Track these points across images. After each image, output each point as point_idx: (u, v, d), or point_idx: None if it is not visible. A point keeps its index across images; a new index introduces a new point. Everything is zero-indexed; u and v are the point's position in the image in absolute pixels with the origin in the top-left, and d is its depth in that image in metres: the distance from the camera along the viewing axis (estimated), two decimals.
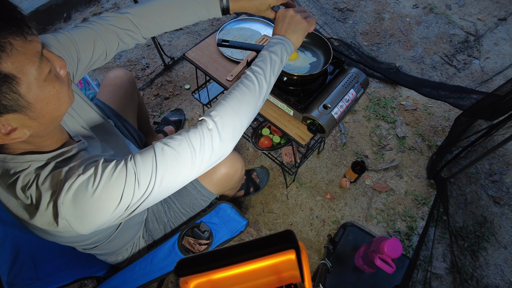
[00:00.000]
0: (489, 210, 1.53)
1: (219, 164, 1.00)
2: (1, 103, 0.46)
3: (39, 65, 0.49)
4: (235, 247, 0.31)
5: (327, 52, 1.08)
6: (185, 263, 0.30)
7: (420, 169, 1.66)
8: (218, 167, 1.01)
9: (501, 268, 1.39)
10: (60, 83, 0.54)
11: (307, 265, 0.31)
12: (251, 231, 1.51)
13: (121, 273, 0.93)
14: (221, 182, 1.02)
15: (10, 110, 0.48)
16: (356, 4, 2.37)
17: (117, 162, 0.57)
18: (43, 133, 0.57)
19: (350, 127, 1.80)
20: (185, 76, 2.02)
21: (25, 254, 0.79)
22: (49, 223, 0.56)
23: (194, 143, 0.61)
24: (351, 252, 1.35)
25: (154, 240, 1.01)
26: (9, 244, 0.76)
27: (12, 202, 0.58)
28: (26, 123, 0.51)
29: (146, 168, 0.58)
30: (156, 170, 0.58)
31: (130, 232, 0.91)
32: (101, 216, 0.57)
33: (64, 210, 0.54)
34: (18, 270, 0.75)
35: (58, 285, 0.85)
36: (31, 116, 0.51)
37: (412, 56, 2.08)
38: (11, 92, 0.46)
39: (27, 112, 0.50)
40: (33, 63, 0.48)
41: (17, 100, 0.48)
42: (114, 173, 0.56)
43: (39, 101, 0.50)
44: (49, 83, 0.51)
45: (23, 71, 0.47)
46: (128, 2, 2.48)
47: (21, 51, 0.46)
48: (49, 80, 0.51)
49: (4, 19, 0.45)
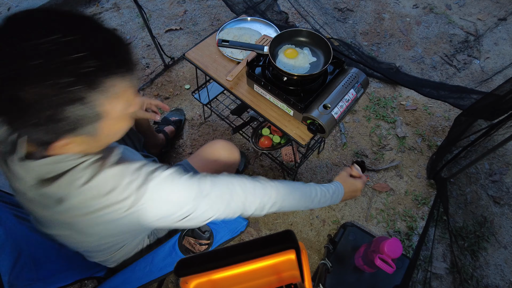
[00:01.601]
0: (489, 210, 1.53)
1: (219, 156, 1.07)
2: (81, 131, 0.49)
3: (127, 107, 0.53)
4: (235, 247, 0.30)
5: (327, 52, 1.08)
6: (185, 263, 0.30)
7: (420, 169, 1.66)
8: (218, 161, 1.05)
9: (501, 268, 1.39)
10: (129, 123, 0.58)
11: (307, 265, 0.31)
12: (251, 231, 1.51)
13: (121, 273, 0.93)
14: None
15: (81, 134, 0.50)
16: (356, 4, 2.37)
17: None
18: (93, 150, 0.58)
19: (350, 127, 1.80)
20: (185, 76, 2.02)
21: (26, 255, 0.79)
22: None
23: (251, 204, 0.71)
24: (351, 252, 1.35)
25: (158, 238, 1.01)
26: (10, 245, 0.76)
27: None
28: (84, 141, 0.53)
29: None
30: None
31: (137, 239, 0.92)
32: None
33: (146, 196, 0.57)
34: (19, 271, 0.75)
35: (59, 286, 0.85)
36: (93, 139, 0.54)
37: (412, 56, 2.08)
38: (94, 124, 0.50)
39: (93, 136, 0.52)
40: (124, 105, 0.52)
41: (93, 129, 0.51)
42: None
43: (108, 132, 0.54)
44: (124, 120, 0.55)
45: (112, 112, 0.51)
46: (128, 2, 2.49)
47: (120, 95, 0.50)
48: (124, 119, 0.55)
49: (121, 64, 0.48)
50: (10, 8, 2.32)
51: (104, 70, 0.46)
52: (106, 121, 0.51)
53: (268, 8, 2.00)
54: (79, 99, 0.45)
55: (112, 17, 2.41)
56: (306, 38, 1.16)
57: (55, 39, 0.43)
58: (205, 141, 1.76)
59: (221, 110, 1.81)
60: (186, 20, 2.33)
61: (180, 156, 1.71)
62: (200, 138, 1.77)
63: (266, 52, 1.07)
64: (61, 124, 0.47)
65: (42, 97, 0.43)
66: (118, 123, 0.55)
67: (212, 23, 2.30)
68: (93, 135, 0.52)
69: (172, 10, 2.41)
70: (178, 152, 1.73)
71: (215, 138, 1.77)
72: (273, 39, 1.09)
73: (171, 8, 2.43)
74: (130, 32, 2.29)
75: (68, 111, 0.45)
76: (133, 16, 2.40)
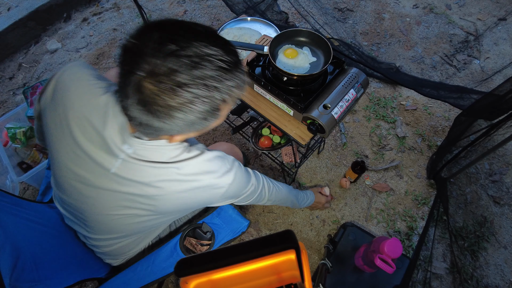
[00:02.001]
0: (489, 210, 1.53)
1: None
2: (204, 127, 0.60)
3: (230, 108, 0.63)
4: (235, 247, 0.30)
5: (327, 52, 1.08)
6: (185, 263, 0.30)
7: (420, 169, 1.66)
8: None
9: (501, 268, 1.39)
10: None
11: (307, 265, 0.31)
12: (251, 231, 1.51)
13: (122, 274, 0.93)
14: None
15: (198, 129, 0.60)
16: (356, 4, 2.37)
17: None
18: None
19: (350, 127, 1.80)
20: None
21: (26, 256, 0.78)
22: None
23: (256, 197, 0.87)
24: (351, 252, 1.35)
25: (160, 238, 1.01)
26: (10, 247, 0.76)
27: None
28: (190, 135, 0.63)
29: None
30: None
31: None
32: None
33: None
34: (20, 273, 0.74)
35: (60, 287, 0.85)
36: (198, 133, 0.63)
37: (412, 56, 2.08)
38: (211, 123, 0.60)
39: (200, 132, 0.62)
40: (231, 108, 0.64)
41: (206, 128, 0.61)
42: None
43: (211, 128, 0.63)
44: (222, 119, 0.64)
45: (224, 113, 0.61)
46: (128, 2, 2.49)
47: (234, 100, 0.60)
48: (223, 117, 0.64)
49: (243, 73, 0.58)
50: (10, 8, 2.32)
51: (238, 80, 0.57)
52: (217, 122, 0.61)
53: (268, 8, 2.00)
54: (220, 103, 0.56)
55: (112, 17, 2.41)
56: (306, 38, 1.16)
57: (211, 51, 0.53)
58: (204, 141, 1.76)
59: None
60: (186, 20, 2.33)
61: None
62: (200, 138, 1.77)
63: (266, 52, 1.07)
64: (200, 122, 0.57)
65: (195, 97, 0.52)
66: (220, 122, 0.64)
67: (212, 23, 2.30)
68: (200, 130, 0.61)
69: (172, 10, 2.41)
70: None
71: (215, 138, 1.77)
72: (273, 39, 1.09)
73: (171, 8, 2.43)
74: (130, 32, 2.29)
75: (208, 114, 0.56)
76: (133, 16, 2.40)
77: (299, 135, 1.10)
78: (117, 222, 0.74)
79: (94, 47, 2.23)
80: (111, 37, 2.28)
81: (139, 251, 0.96)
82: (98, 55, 2.18)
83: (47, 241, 0.86)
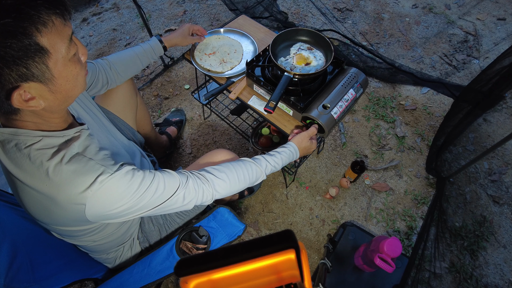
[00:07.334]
0: (488, 209, 1.53)
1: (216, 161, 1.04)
2: (30, 70, 0.53)
3: (68, 46, 0.57)
4: (235, 247, 0.31)
5: (328, 52, 1.08)
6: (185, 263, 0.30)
7: (420, 168, 1.66)
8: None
9: (501, 268, 1.39)
10: (80, 66, 0.62)
11: (307, 264, 0.31)
12: (251, 230, 1.51)
13: (119, 276, 0.93)
14: None
15: (36, 79, 0.55)
16: (355, 4, 2.37)
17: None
18: (55, 109, 0.63)
19: (350, 127, 1.80)
20: (184, 76, 2.02)
21: (23, 256, 0.78)
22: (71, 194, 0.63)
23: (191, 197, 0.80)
24: (350, 252, 1.35)
25: (150, 244, 1.01)
26: (6, 247, 0.75)
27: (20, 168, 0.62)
28: (44, 95, 0.58)
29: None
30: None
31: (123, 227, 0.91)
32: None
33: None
34: (16, 273, 0.74)
35: (57, 287, 0.84)
36: (50, 89, 0.58)
37: (412, 56, 2.08)
38: (41, 63, 0.54)
39: (48, 84, 0.57)
40: (64, 43, 0.56)
41: (44, 72, 0.55)
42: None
43: (61, 77, 0.58)
44: (72, 64, 0.59)
45: (55, 48, 0.55)
46: (127, 3, 2.49)
47: (58, 30, 0.54)
48: (73, 61, 0.59)
49: (53, 1, 0.53)
50: None
51: (44, 5, 0.52)
52: (53, 60, 0.55)
53: (268, 8, 2.00)
54: (20, 31, 0.49)
55: (111, 17, 2.41)
56: (308, 38, 1.16)
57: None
58: (204, 141, 1.76)
59: (220, 110, 1.81)
60: (185, 20, 2.33)
61: (180, 156, 1.71)
62: (200, 138, 1.77)
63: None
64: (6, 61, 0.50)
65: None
66: (68, 65, 0.58)
67: (212, 23, 2.30)
68: (48, 80, 0.56)
69: (171, 10, 2.41)
70: (178, 152, 1.73)
71: (215, 138, 1.77)
72: (274, 39, 1.09)
73: (171, 8, 2.43)
74: (130, 32, 2.29)
75: (10, 43, 0.49)
76: (132, 16, 2.40)
77: None
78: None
79: (94, 47, 2.23)
80: (111, 37, 2.27)
81: (127, 255, 0.97)
82: (98, 55, 2.18)
83: (44, 240, 0.86)
